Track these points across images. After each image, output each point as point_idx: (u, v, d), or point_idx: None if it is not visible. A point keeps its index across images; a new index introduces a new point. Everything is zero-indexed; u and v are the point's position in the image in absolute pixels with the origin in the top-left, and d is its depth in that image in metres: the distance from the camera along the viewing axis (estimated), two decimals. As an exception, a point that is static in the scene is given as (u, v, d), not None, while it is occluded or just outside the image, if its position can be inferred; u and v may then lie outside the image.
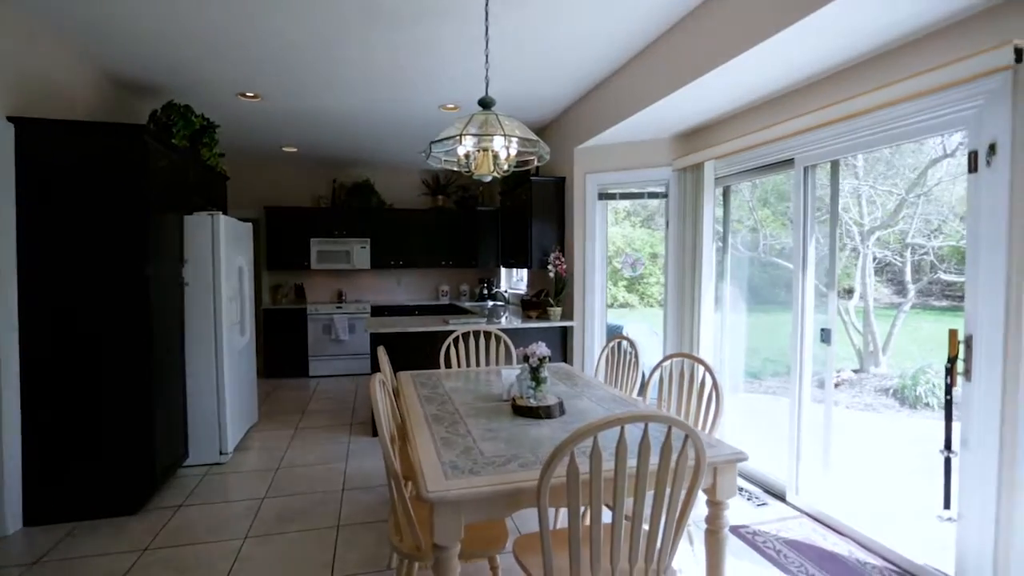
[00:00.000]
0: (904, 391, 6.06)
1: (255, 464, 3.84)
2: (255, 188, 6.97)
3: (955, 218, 6.15)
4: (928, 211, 6.30)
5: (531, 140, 2.37)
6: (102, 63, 3.61)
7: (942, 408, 6.32)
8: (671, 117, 3.79)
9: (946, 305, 6.87)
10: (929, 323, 6.86)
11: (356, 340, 6.74)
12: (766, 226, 6.94)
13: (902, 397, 6.09)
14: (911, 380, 6.06)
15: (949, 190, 6.26)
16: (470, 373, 3.22)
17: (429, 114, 4.80)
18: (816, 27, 2.38)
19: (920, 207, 6.24)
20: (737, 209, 4.31)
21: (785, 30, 2.41)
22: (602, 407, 2.46)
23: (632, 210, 8.67)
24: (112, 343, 3.01)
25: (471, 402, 2.53)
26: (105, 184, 2.98)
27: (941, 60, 2.32)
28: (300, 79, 3.97)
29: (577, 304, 4.64)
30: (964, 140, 5.54)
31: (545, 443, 1.96)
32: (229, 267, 3.98)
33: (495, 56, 3.58)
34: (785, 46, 2.58)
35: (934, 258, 6.49)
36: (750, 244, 5.08)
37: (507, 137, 2.29)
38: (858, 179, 6.41)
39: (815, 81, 3.00)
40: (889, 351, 6.65)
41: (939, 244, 6.39)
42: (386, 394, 2.05)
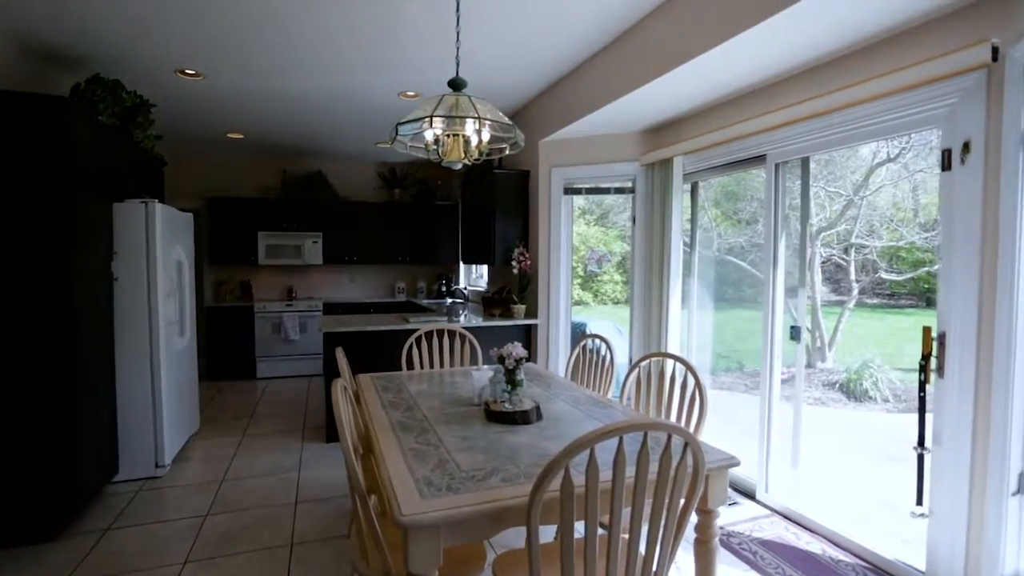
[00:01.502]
0: (850, 385, 6.28)
1: (196, 477, 3.51)
2: (197, 177, 6.49)
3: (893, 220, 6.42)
4: (870, 213, 6.54)
5: (506, 125, 2.21)
6: (10, 25, 3.17)
7: (886, 401, 6.56)
8: (640, 111, 3.71)
9: (886, 303, 7.18)
10: (871, 320, 7.16)
11: (307, 340, 6.40)
12: (719, 225, 7.05)
13: (848, 391, 6.31)
14: (856, 374, 6.29)
15: (890, 193, 6.52)
16: (435, 375, 3.04)
17: (388, 101, 4.55)
18: (789, 23, 2.34)
19: (863, 208, 6.48)
20: (688, 209, 4.30)
21: (757, 25, 2.36)
22: (579, 410, 2.33)
23: (587, 208, 8.65)
24: (25, 344, 2.65)
25: (440, 407, 2.35)
26: (16, 163, 2.61)
27: (917, 57, 2.32)
28: (248, 56, 3.65)
29: (542, 302, 4.52)
30: (903, 145, 5.73)
31: (525, 452, 1.81)
32: (166, 261, 3.63)
33: (452, 43, 3.39)
34: (758, 42, 2.54)
35: (876, 257, 6.77)
36: (704, 242, 5.13)
37: (480, 121, 2.12)
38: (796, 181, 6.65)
39: (788, 77, 2.97)
40: (835, 347, 6.89)
41: (881, 245, 6.65)
42: (349, 402, 1.85)
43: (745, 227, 7.28)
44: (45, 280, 2.67)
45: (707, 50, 2.68)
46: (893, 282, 6.62)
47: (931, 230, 6.07)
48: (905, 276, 6.48)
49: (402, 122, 2.16)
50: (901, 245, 6.36)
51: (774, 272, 3.14)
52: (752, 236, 7.69)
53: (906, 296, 6.91)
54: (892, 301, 7.18)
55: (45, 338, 2.68)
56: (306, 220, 6.64)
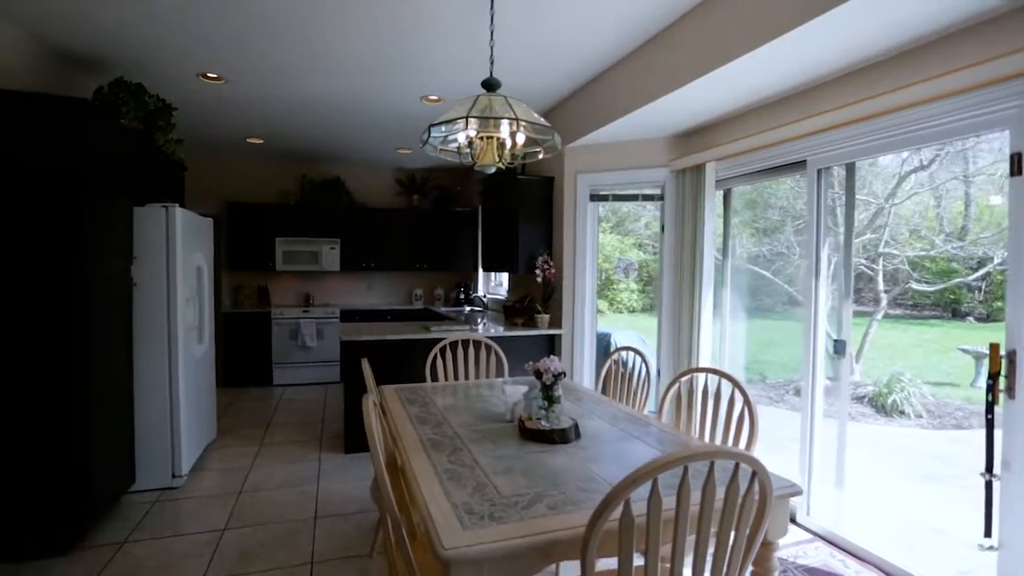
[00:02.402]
0: (879, 399, 6.05)
1: (214, 488, 3.42)
2: (216, 182, 6.47)
3: (921, 229, 6.22)
4: (898, 222, 6.35)
5: (544, 127, 2.10)
6: (37, 29, 3.13)
7: (919, 417, 6.28)
8: (671, 116, 3.59)
9: (909, 314, 6.95)
10: (894, 331, 6.92)
11: (324, 347, 6.32)
12: (739, 234, 6.88)
13: (878, 405, 6.08)
14: (886, 388, 6.05)
15: (920, 201, 6.32)
16: (460, 387, 2.92)
17: (410, 106, 4.48)
18: (835, 24, 2.22)
19: (891, 217, 6.28)
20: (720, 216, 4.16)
21: (800, 27, 2.26)
22: (617, 427, 2.20)
23: (603, 215, 8.53)
24: (39, 350, 2.57)
25: (471, 423, 2.23)
26: (36, 166, 2.55)
27: (977, 56, 2.18)
28: (269, 59, 3.59)
29: (566, 311, 4.39)
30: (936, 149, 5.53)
31: (568, 475, 1.68)
32: (186, 266, 3.56)
33: (480, 43, 3.31)
34: (800, 44, 2.42)
35: (908, 267, 6.55)
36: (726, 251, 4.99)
37: (517, 123, 2.01)
38: (834, 188, 6.48)
39: (831, 79, 2.84)
40: (862, 359, 6.66)
41: (912, 254, 6.44)
42: (380, 420, 1.74)
43: (764, 236, 7.11)
44: (62, 284, 2.59)
45: (745, 53, 2.56)
46: (916, 292, 6.41)
47: (961, 239, 5.87)
48: (937, 287, 6.27)
49: (436, 123, 2.06)
50: (933, 255, 6.15)
51: (816, 283, 2.99)
52: (774, 245, 7.50)
53: (930, 307, 6.69)
54: (915, 312, 6.95)
55: (60, 343, 2.60)
56: (324, 226, 6.58)
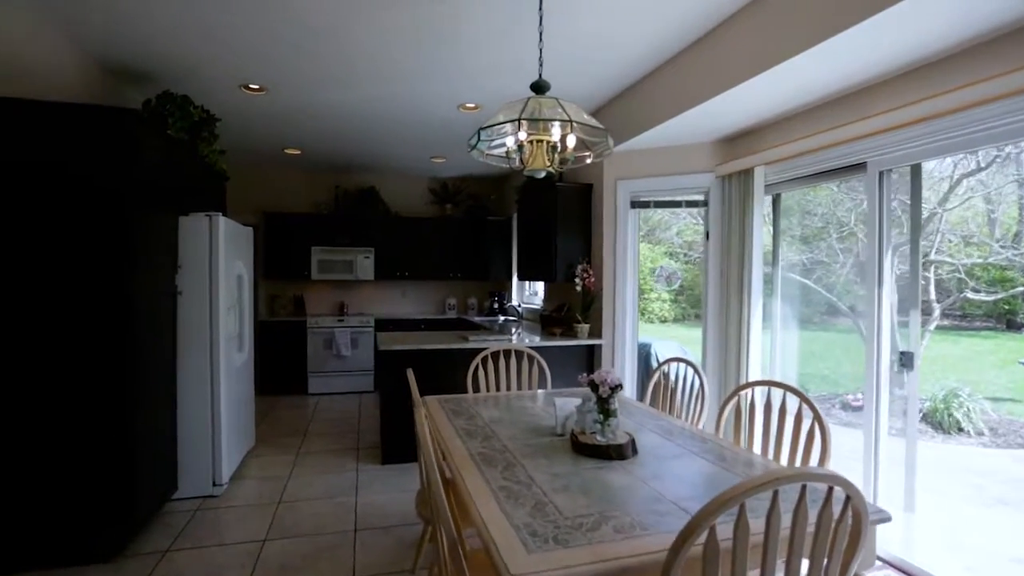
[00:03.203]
0: (936, 415, 5.74)
1: (253, 497, 3.40)
2: (254, 192, 6.58)
3: (976, 236, 5.90)
4: (949, 228, 6.05)
5: (598, 128, 2.02)
6: (88, 44, 3.21)
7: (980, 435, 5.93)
8: (717, 119, 3.48)
9: (958, 325, 6.60)
10: (943, 343, 6.59)
11: (358, 356, 6.32)
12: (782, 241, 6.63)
13: (934, 422, 5.77)
14: (942, 403, 5.74)
15: (975, 207, 6.01)
16: (503, 399, 2.84)
17: (447, 114, 4.46)
18: (900, 19, 2.10)
19: (942, 223, 5.99)
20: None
21: (860, 24, 2.15)
22: (674, 443, 2.09)
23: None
24: (87, 359, 2.59)
25: (520, 437, 2.15)
26: (87, 176, 2.58)
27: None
28: (309, 70, 3.62)
29: (607, 321, 4.28)
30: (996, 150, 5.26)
31: (631, 495, 1.58)
32: (228, 275, 3.58)
33: (518, 49, 3.27)
34: (860, 41, 2.31)
35: (964, 275, 6.23)
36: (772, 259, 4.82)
37: (572, 125, 1.94)
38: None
39: (893, 77, 2.70)
40: (904, 373, 6.31)
41: (969, 261, 6.13)
42: (432, 436, 1.67)
43: (803, 244, 6.87)
44: (113, 294, 2.61)
45: (801, 51, 2.46)
46: (968, 302, 6.09)
47: (1016, 246, 5.55)
48: (996, 296, 5.94)
49: (485, 126, 2.00)
50: (988, 262, 5.85)
51: (879, 291, 2.83)
52: (815, 253, 7.25)
53: (982, 318, 6.34)
54: (966, 323, 6.60)
55: (108, 351, 2.61)
56: (358, 235, 6.62)
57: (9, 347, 2.49)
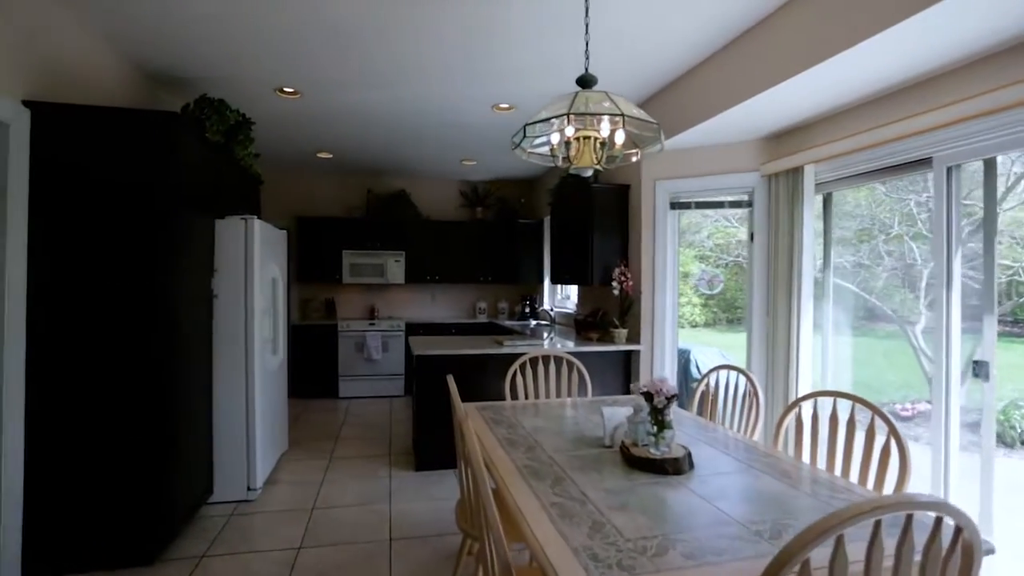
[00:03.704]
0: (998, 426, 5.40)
1: (287, 502, 3.37)
2: (287, 196, 6.63)
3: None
4: (1007, 228, 5.72)
5: (650, 124, 1.91)
6: (129, 50, 3.24)
7: (1045, 448, 5.55)
8: (763, 116, 3.32)
9: (1010, 331, 6.21)
10: (1001, 349, 6.21)
11: (389, 359, 6.30)
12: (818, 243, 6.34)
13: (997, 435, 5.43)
14: (1003, 415, 5.41)
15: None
16: (543, 407, 2.73)
17: (480, 114, 4.39)
18: (970, 3, 1.94)
19: (999, 223, 5.66)
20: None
21: (924, 11, 2.00)
22: (733, 457, 1.95)
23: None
24: (128, 362, 2.58)
25: (566, 448, 2.04)
26: (129, 180, 2.58)
27: None
28: (344, 73, 3.59)
29: (645, 326, 4.14)
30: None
31: (695, 516, 1.46)
32: (263, 278, 3.56)
33: (553, 48, 3.18)
34: (926, 30, 2.15)
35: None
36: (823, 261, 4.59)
37: (624, 119, 1.83)
38: (930, 192, 5.99)
39: (961, 67, 2.52)
40: (967, 382, 6.00)
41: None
42: (482, 452, 1.58)
43: (842, 247, 6.59)
44: (152, 297, 2.60)
45: (861, 41, 2.30)
46: (1020, 307, 5.73)
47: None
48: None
49: (531, 122, 1.91)
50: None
51: (948, 294, 2.65)
52: (855, 256, 6.95)
53: (1037, 324, 5.97)
54: (1019, 329, 6.23)
55: (147, 354, 2.60)
56: (389, 239, 6.61)
57: (51, 349, 2.49)
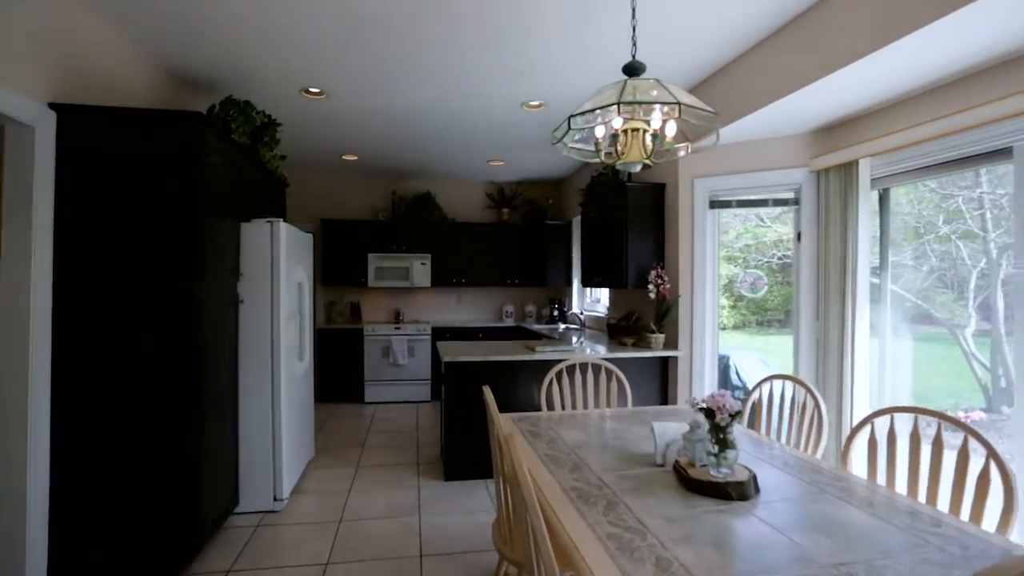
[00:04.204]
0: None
1: (314, 514, 3.26)
2: (313, 199, 6.59)
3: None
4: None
5: (708, 113, 1.74)
6: (155, 52, 3.20)
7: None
8: (812, 107, 3.12)
9: None
10: None
11: (415, 364, 6.19)
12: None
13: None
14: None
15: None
16: (582, 419, 2.57)
17: (509, 112, 4.26)
18: None
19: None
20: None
21: None
22: (797, 478, 1.77)
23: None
24: (153, 371, 2.50)
25: (613, 467, 1.88)
26: (154, 183, 2.50)
27: None
28: (372, 72, 3.49)
29: (683, 330, 3.95)
30: None
31: (769, 550, 1.29)
32: (289, 282, 3.48)
33: (587, 44, 3.04)
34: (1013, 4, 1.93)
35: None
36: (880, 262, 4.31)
37: (679, 108, 1.67)
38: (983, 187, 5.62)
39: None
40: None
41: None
42: (508, 460, 1.42)
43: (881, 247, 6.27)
44: (182, 301, 2.52)
45: (937, 19, 2.09)
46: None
47: None
48: None
49: (577, 113, 1.76)
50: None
51: (1029, 299, 2.40)
52: (898, 256, 6.62)
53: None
54: None
55: (174, 361, 2.52)
56: (414, 242, 6.52)
57: (75, 359, 2.43)
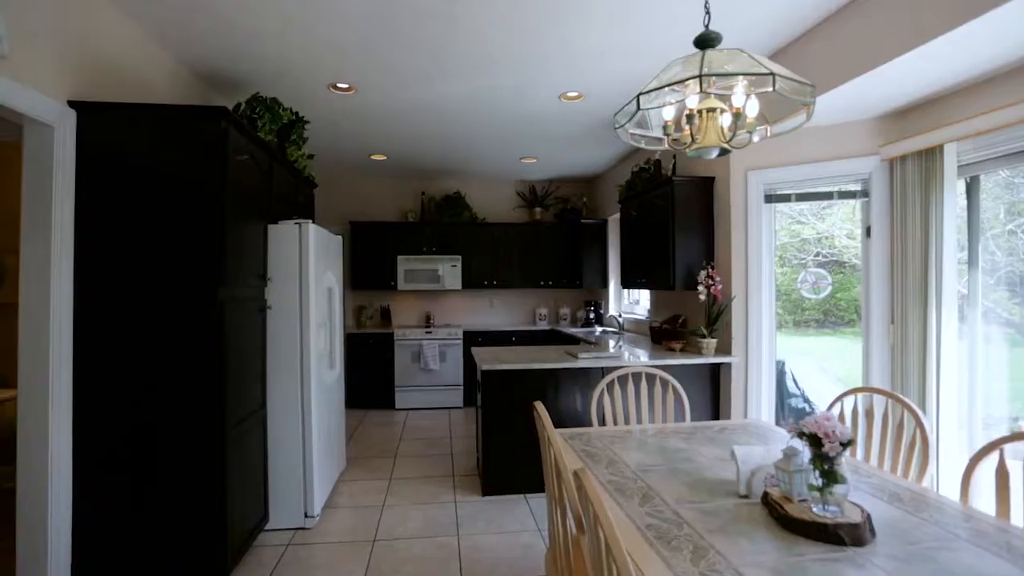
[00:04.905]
0: None
1: (347, 531, 3.08)
2: (341, 201, 6.47)
3: None
4: None
5: (805, 85, 1.48)
6: (179, 49, 3.07)
7: None
8: (888, 87, 2.80)
9: None
10: None
11: (447, 369, 6.00)
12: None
13: None
14: None
15: None
16: (639, 435, 2.32)
17: (546, 105, 4.03)
18: None
19: None
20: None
21: None
22: (916, 516, 1.49)
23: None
24: (178, 382, 2.35)
25: (690, 497, 1.63)
26: (177, 183, 2.35)
27: None
28: (403, 65, 3.31)
29: (737, 335, 3.65)
30: None
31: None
32: (318, 287, 3.31)
33: (634, 24, 2.79)
34: None
35: None
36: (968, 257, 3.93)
37: (773, 79, 1.41)
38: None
39: None
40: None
41: None
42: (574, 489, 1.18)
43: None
44: (205, 307, 2.36)
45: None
46: None
47: None
48: None
49: (649, 89, 1.51)
50: None
51: None
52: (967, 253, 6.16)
53: None
54: None
55: (198, 372, 2.36)
56: (445, 243, 6.33)
57: (97, 370, 2.29)
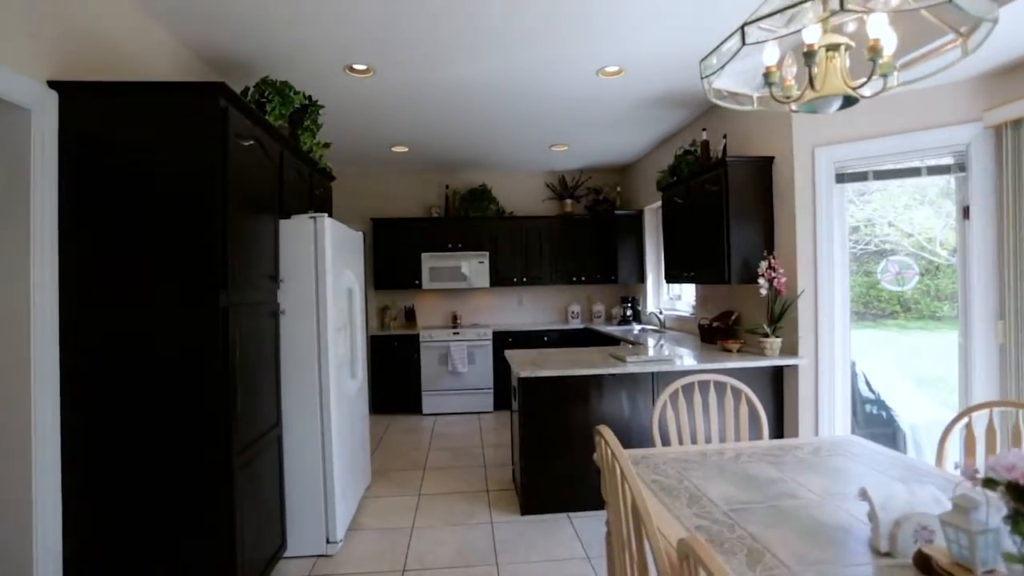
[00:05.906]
0: None
1: (374, 559, 2.77)
2: (361, 197, 6.18)
3: None
4: None
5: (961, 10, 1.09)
6: (182, 30, 2.78)
7: None
8: (998, 36, 2.35)
9: None
10: None
11: (475, 372, 5.67)
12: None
13: None
14: None
15: None
16: (715, 458, 1.94)
17: (582, 82, 3.65)
18: None
19: None
20: None
21: None
22: None
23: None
24: (179, 397, 2.05)
25: (806, 550, 1.25)
26: (174, 171, 2.05)
27: None
28: (424, 41, 2.98)
29: (805, 333, 3.23)
30: None
31: None
32: (336, 287, 3.00)
33: None
34: None
35: None
36: None
37: None
38: None
39: None
40: None
41: None
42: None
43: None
44: (205, 313, 2.06)
45: None
46: None
47: None
48: None
49: (753, 20, 1.13)
50: None
51: None
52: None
53: None
54: None
55: (200, 383, 2.06)
56: (471, 239, 6.00)
57: (86, 382, 2.01)
